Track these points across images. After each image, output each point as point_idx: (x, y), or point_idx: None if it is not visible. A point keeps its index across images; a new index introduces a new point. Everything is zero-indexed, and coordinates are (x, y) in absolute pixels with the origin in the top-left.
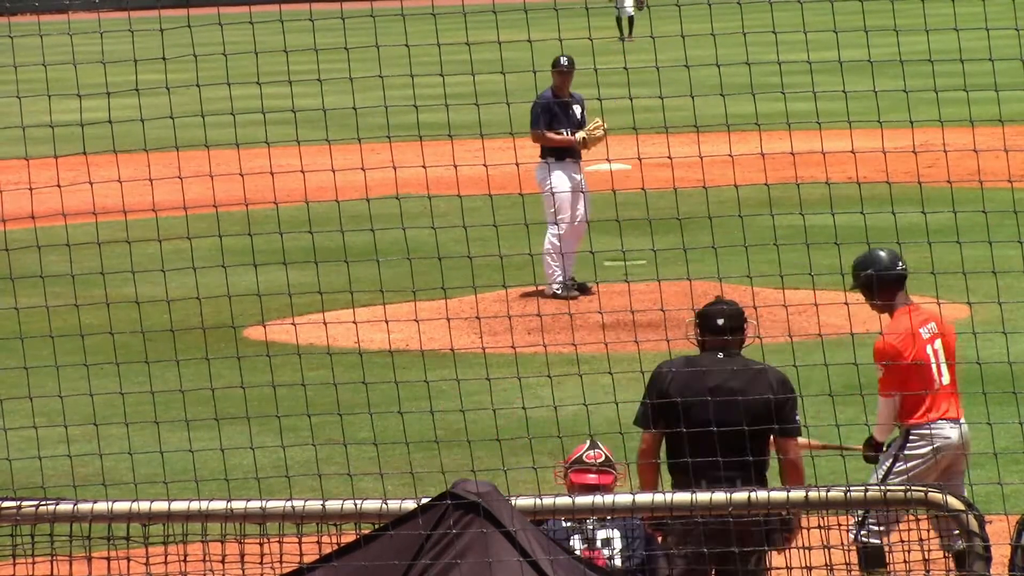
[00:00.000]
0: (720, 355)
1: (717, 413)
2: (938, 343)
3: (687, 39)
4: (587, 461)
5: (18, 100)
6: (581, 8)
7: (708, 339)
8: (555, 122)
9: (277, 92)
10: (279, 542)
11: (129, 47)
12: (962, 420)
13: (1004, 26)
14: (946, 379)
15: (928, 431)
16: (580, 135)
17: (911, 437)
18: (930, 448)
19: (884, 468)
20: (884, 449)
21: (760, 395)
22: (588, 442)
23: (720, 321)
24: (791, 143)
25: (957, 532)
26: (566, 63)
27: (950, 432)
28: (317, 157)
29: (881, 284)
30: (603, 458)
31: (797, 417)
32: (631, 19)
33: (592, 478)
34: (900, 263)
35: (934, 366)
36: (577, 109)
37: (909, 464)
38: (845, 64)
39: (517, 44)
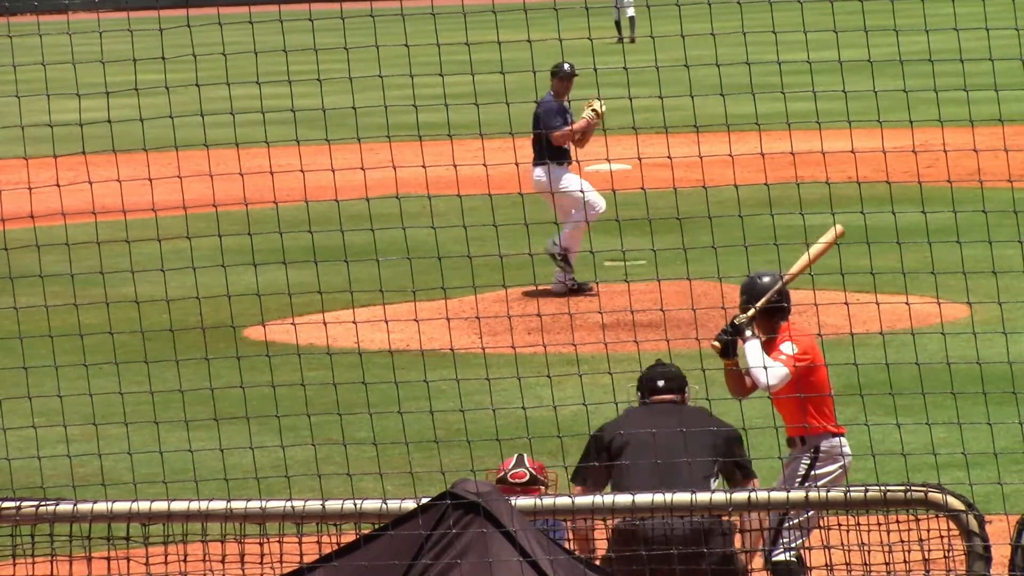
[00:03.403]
0: (677, 406)
1: (661, 452)
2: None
3: (687, 39)
4: (511, 481)
5: (17, 100)
6: (581, 8)
7: (651, 400)
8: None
9: (277, 92)
10: (279, 542)
11: (128, 47)
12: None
13: (1004, 26)
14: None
15: (835, 449)
16: (589, 113)
17: (820, 454)
18: (837, 466)
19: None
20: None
21: (703, 432)
22: (515, 459)
23: (661, 383)
24: (791, 143)
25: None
26: (569, 69)
27: (847, 450)
28: (317, 157)
29: (770, 309)
30: (527, 477)
31: (747, 457)
32: (632, 20)
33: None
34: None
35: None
36: (569, 116)
37: (822, 483)
38: (845, 64)
39: (517, 44)
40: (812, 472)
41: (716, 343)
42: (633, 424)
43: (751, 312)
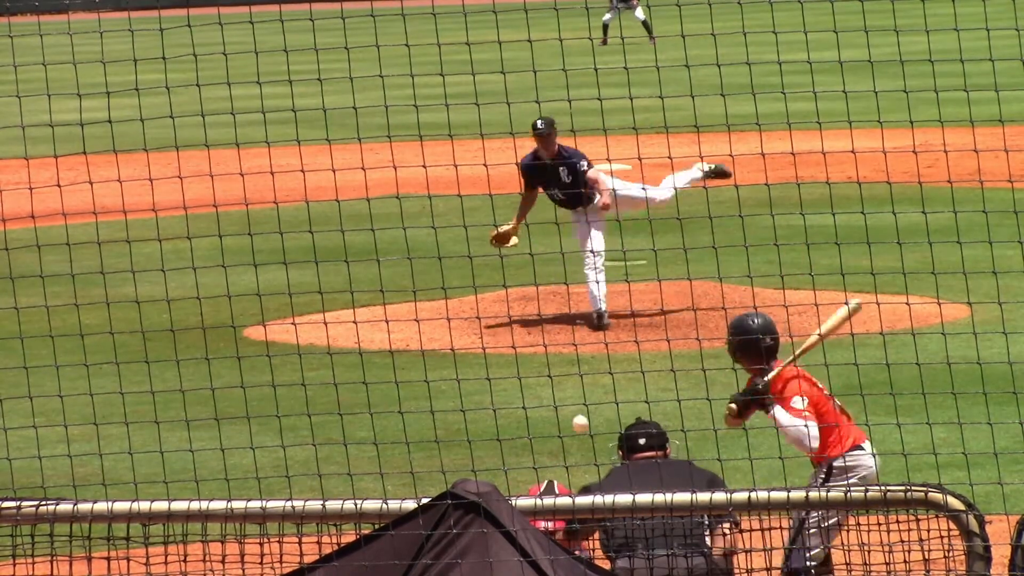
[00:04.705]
0: (667, 461)
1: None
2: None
3: (687, 39)
4: None
5: (18, 100)
6: (582, 8)
7: (632, 458)
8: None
9: (277, 92)
10: (279, 542)
11: (129, 47)
12: (865, 444)
13: (1004, 26)
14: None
15: (851, 462)
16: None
17: (833, 471)
18: (855, 478)
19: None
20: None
21: (689, 480)
22: (544, 485)
23: (642, 441)
24: (791, 143)
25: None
26: (541, 125)
27: (867, 459)
28: (317, 157)
29: (759, 349)
30: None
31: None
32: (646, 23)
33: (544, 525)
34: (773, 333)
35: (834, 403)
36: (563, 172)
37: None
38: (845, 64)
39: (517, 44)
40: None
41: (732, 405)
42: (619, 484)
43: (769, 377)
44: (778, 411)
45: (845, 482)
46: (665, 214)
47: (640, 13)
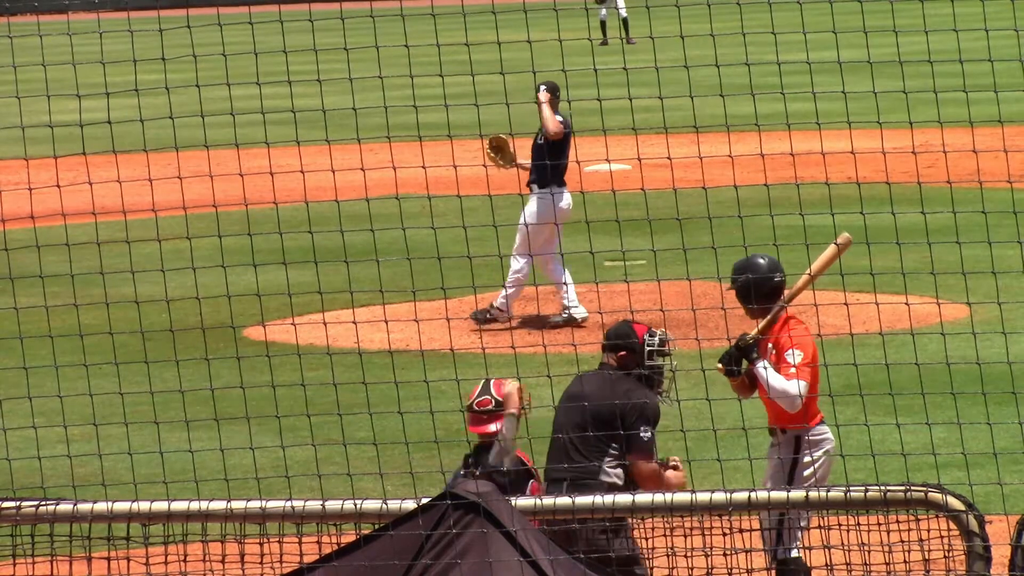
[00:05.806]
0: (601, 371)
1: (561, 416)
2: None
3: (687, 39)
4: (476, 409)
5: (18, 100)
6: (581, 8)
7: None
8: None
9: (277, 92)
10: (279, 542)
11: (129, 47)
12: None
13: (1004, 26)
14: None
15: (818, 435)
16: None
17: (802, 445)
18: (823, 452)
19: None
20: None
21: (600, 400)
22: (480, 385)
23: (604, 343)
24: (791, 143)
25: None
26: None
27: (830, 434)
28: (317, 157)
29: (760, 291)
30: (492, 404)
31: (644, 434)
32: (625, 21)
33: (489, 427)
34: (779, 272)
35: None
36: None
37: (811, 470)
38: (845, 64)
39: (517, 44)
40: (801, 461)
41: (720, 365)
42: (568, 391)
43: (755, 331)
44: (760, 369)
45: (815, 456)
46: (664, 214)
47: (623, 11)
